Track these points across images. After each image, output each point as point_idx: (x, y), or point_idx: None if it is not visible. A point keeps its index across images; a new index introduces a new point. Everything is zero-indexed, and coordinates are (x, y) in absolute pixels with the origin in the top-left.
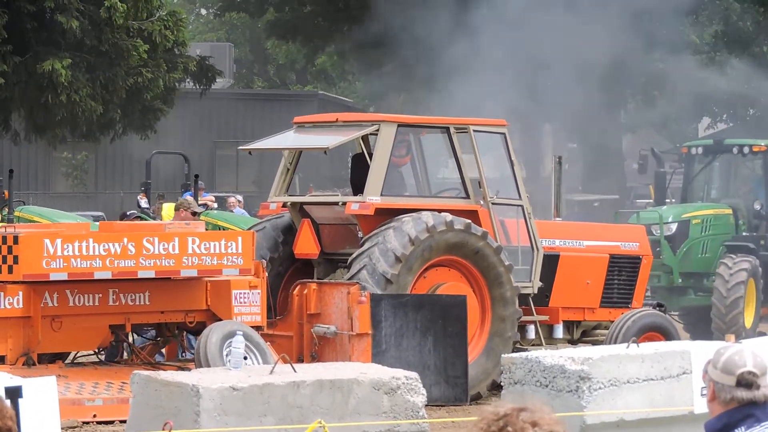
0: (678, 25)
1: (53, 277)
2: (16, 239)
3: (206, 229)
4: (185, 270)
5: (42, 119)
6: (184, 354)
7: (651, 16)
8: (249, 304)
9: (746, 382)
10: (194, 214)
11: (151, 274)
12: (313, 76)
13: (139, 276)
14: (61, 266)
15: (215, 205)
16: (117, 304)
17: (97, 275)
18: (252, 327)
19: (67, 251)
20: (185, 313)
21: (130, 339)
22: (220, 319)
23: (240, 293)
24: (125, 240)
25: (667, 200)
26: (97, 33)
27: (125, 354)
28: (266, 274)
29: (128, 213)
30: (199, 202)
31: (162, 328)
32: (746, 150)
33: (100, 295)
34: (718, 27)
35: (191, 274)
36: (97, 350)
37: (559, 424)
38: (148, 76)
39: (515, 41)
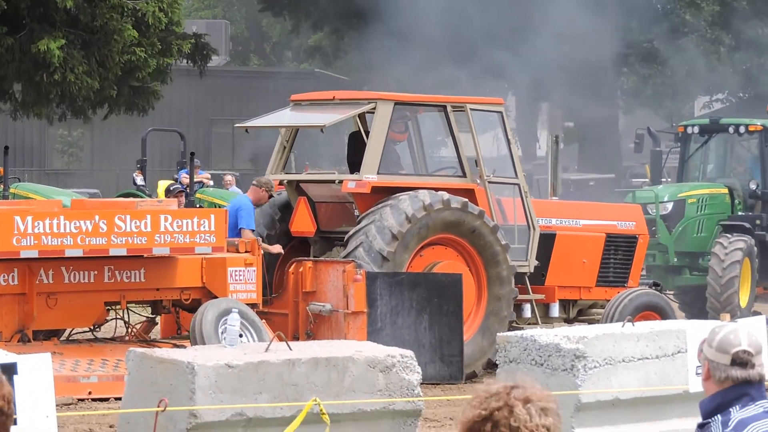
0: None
1: (24, 254)
2: None
3: (202, 207)
4: (157, 248)
5: (33, 96)
6: (179, 332)
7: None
8: (244, 281)
9: (741, 361)
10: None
11: (123, 252)
12: (307, 54)
13: (111, 254)
14: (32, 243)
15: (211, 182)
16: (112, 281)
17: (68, 253)
18: (247, 304)
19: (38, 228)
20: (180, 290)
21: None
22: (216, 297)
23: (235, 270)
24: (96, 218)
25: (663, 179)
26: (91, 10)
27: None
28: (261, 251)
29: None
30: (195, 180)
31: (157, 305)
32: (742, 129)
33: (96, 272)
34: (715, 6)
35: (163, 252)
36: (92, 327)
37: (551, 401)
38: (142, 55)
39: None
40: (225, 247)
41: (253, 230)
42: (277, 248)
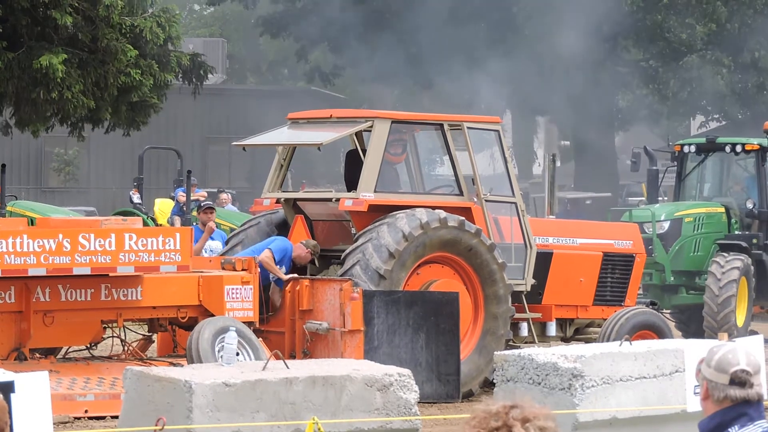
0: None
1: None
2: None
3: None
4: (122, 267)
5: (30, 114)
6: (176, 350)
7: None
8: (241, 299)
9: (740, 380)
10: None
11: (87, 271)
12: (307, 74)
13: (74, 273)
14: None
15: (208, 201)
16: (109, 299)
17: (31, 272)
18: (244, 323)
19: (1, 248)
20: (177, 308)
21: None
22: (213, 315)
23: (232, 289)
24: (60, 236)
25: (660, 198)
26: (90, 29)
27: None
28: (258, 269)
29: (202, 204)
30: (192, 198)
31: (154, 323)
32: (739, 148)
33: (92, 290)
34: (709, 27)
35: (128, 270)
36: (89, 345)
37: (550, 420)
38: (137, 77)
39: (512, 37)
40: (190, 265)
41: (275, 259)
42: (289, 276)
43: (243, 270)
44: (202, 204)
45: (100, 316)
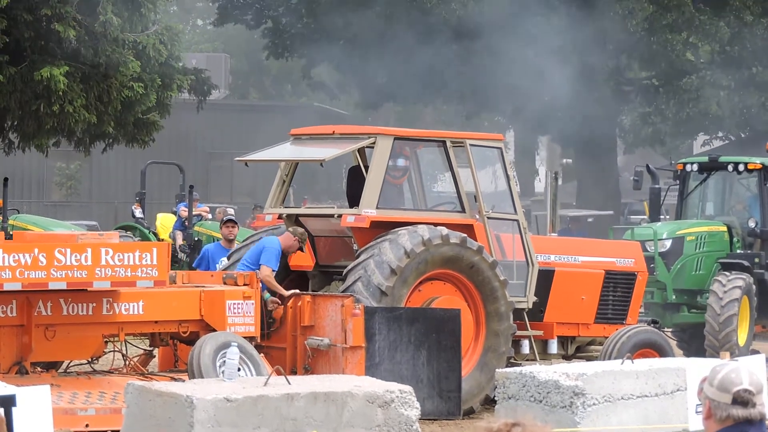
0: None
1: None
2: None
3: (200, 240)
4: (98, 282)
5: (32, 128)
6: (177, 364)
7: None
8: (243, 314)
9: (742, 400)
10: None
11: (63, 286)
12: (311, 89)
13: (50, 288)
14: None
15: (210, 216)
16: (110, 313)
17: (7, 287)
18: (246, 338)
19: None
20: (179, 323)
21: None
22: (214, 330)
23: (234, 303)
24: (36, 251)
25: (662, 217)
26: (93, 43)
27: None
28: (260, 284)
29: (225, 218)
30: (194, 213)
31: (155, 338)
32: (741, 167)
33: (94, 305)
34: (712, 47)
35: (104, 285)
36: (90, 359)
37: None
38: (140, 91)
39: (514, 53)
40: (167, 281)
41: (273, 270)
42: (291, 293)
43: (244, 285)
44: (225, 219)
45: (101, 331)
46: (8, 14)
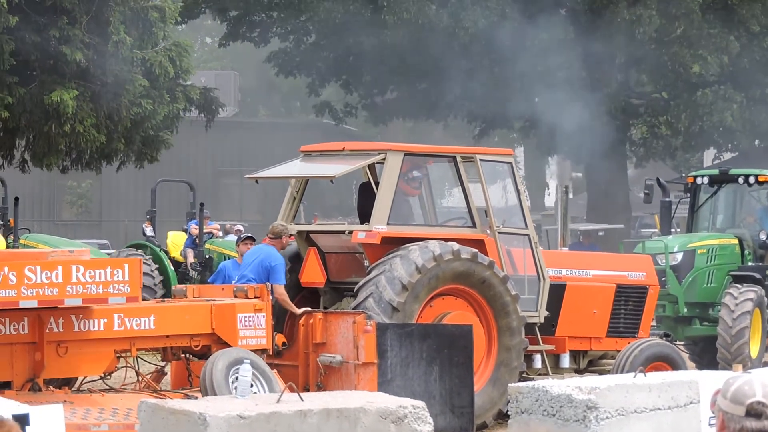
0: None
1: None
2: None
3: (211, 258)
4: (69, 299)
5: (43, 148)
6: (190, 378)
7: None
8: (254, 327)
9: (756, 412)
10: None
11: (34, 304)
12: (316, 108)
13: (21, 306)
14: None
15: (220, 233)
16: (122, 328)
17: None
18: (257, 350)
19: None
20: (190, 337)
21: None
22: (226, 343)
23: (245, 317)
24: (6, 269)
25: (673, 230)
26: (101, 63)
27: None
28: (271, 297)
29: (243, 236)
30: (204, 231)
31: (167, 352)
32: (752, 180)
33: (105, 320)
34: (721, 59)
35: (76, 303)
36: (102, 375)
37: None
38: (148, 108)
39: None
40: (139, 297)
41: (284, 285)
42: (303, 310)
43: (255, 298)
44: (242, 237)
45: (113, 346)
46: (16, 35)
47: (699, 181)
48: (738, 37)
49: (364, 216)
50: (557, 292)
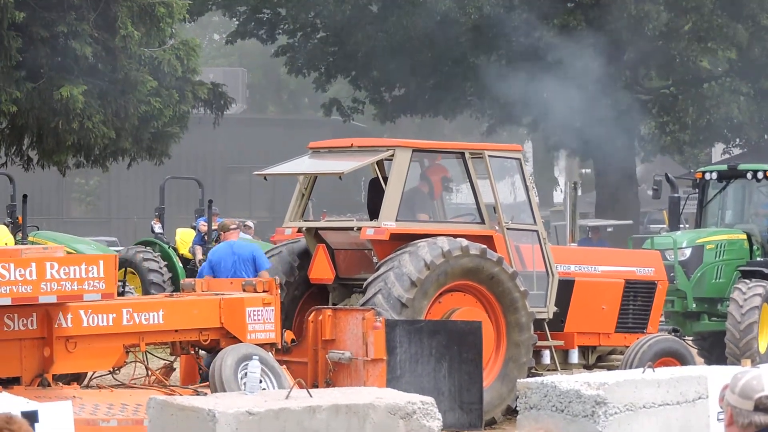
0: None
1: None
2: None
3: None
4: (44, 296)
5: (51, 145)
6: (200, 371)
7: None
8: (263, 321)
9: (764, 406)
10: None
11: (8, 302)
12: (326, 109)
13: None
14: None
15: None
16: (131, 323)
17: None
18: (266, 344)
19: None
20: (199, 331)
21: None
22: (234, 337)
23: (254, 311)
24: None
25: (681, 225)
26: (111, 60)
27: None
28: (279, 291)
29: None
30: (213, 228)
31: (176, 347)
32: (760, 175)
33: (114, 315)
34: (729, 52)
35: (50, 300)
36: (111, 370)
37: None
38: (157, 106)
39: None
40: (115, 293)
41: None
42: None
43: (264, 291)
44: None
45: (122, 341)
46: (24, 31)
47: (707, 176)
48: (746, 28)
49: (374, 212)
50: (566, 287)
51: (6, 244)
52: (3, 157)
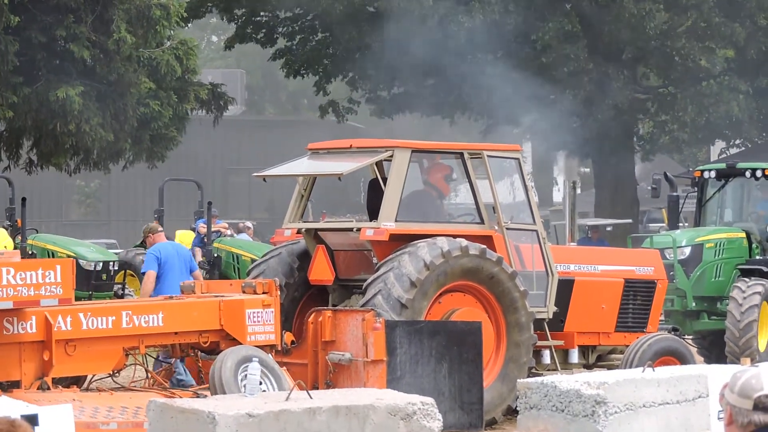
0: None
1: None
2: None
3: (220, 257)
4: (0, 302)
5: (50, 147)
6: (201, 374)
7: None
8: (263, 323)
9: (763, 405)
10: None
11: None
12: (323, 109)
13: None
14: None
15: (229, 232)
16: (130, 326)
17: None
18: (266, 346)
19: None
20: (199, 333)
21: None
22: (234, 339)
23: (253, 312)
24: None
25: (680, 224)
26: (107, 62)
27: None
28: (279, 292)
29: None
30: (213, 229)
31: (176, 349)
32: (759, 173)
33: (114, 318)
34: (726, 51)
35: (6, 306)
36: (111, 373)
37: None
38: (156, 108)
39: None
40: (72, 298)
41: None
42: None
43: (264, 293)
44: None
45: (122, 344)
46: (21, 35)
47: (706, 175)
48: (744, 28)
49: (373, 213)
50: (566, 287)
51: (5, 247)
52: (5, 161)
